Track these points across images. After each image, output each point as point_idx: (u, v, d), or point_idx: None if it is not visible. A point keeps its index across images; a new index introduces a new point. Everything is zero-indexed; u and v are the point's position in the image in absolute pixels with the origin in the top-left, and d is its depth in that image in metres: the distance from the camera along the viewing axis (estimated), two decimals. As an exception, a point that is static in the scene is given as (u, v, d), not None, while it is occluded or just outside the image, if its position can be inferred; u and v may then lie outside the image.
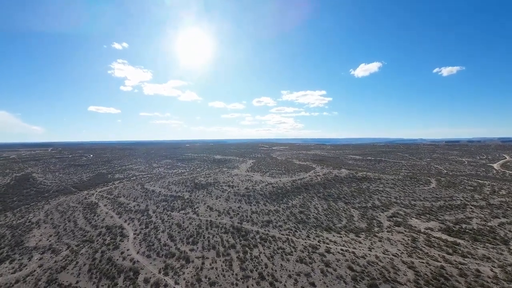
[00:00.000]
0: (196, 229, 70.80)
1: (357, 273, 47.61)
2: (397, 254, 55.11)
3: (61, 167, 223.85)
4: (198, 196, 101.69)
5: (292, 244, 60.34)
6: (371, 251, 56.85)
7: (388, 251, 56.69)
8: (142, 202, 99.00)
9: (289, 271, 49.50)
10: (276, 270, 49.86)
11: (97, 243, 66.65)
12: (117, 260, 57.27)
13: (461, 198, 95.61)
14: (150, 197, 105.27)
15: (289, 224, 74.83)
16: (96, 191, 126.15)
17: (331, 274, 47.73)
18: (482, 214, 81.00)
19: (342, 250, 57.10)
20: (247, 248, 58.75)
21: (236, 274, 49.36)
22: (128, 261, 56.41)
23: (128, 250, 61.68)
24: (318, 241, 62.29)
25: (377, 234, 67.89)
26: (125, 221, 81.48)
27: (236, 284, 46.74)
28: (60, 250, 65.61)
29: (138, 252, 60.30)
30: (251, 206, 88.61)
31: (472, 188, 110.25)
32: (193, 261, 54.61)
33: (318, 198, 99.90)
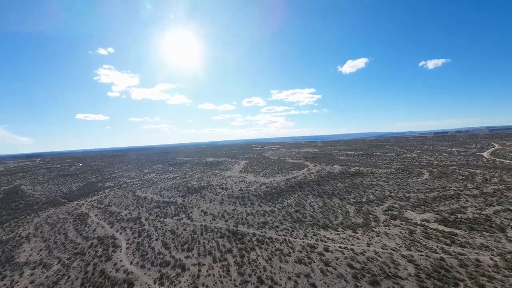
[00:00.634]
0: (190, 235, 68.91)
1: (357, 270, 46.71)
2: (396, 248, 54.57)
3: (50, 178, 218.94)
4: (191, 200, 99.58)
5: (290, 245, 59.12)
6: (369, 246, 56.11)
7: (386, 246, 56.09)
8: (134, 210, 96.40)
9: (288, 273, 48.23)
10: (275, 273, 48.51)
11: (89, 255, 64.60)
12: (110, 272, 55.32)
13: (454, 188, 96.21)
14: (142, 204, 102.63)
15: (285, 224, 73.63)
16: (86, 201, 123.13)
17: (331, 273, 46.68)
18: (476, 203, 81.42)
19: (340, 247, 56.23)
20: (244, 252, 57.24)
21: (234, 280, 47.79)
22: (122, 273, 54.41)
23: (121, 261, 59.69)
24: (316, 240, 61.23)
25: (374, 229, 67.36)
26: (117, 230, 79.07)
27: (235, 290, 45.31)
28: (51, 264, 63.69)
29: (131, 263, 58.27)
30: (246, 208, 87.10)
31: (464, 177, 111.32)
32: (189, 269, 52.81)
33: (313, 196, 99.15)
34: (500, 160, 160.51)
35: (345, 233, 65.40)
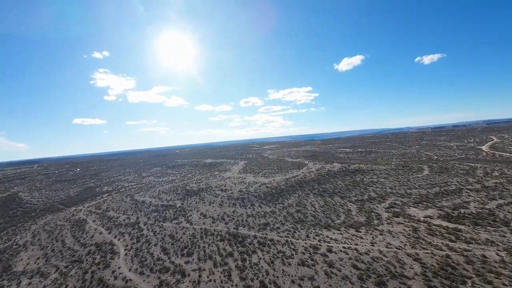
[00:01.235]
0: (190, 239, 67.34)
1: (363, 271, 45.44)
2: (401, 247, 53.39)
3: (47, 184, 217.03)
4: (190, 203, 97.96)
5: (292, 247, 57.71)
6: (373, 246, 54.88)
7: (391, 244, 54.89)
8: (132, 215, 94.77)
9: (292, 276, 46.84)
10: (278, 277, 47.12)
11: (87, 263, 63.25)
12: (109, 280, 54.02)
13: (456, 183, 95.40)
14: (140, 208, 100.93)
15: (287, 225, 72.23)
16: (84, 207, 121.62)
17: (336, 275, 45.38)
18: (478, 197, 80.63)
19: (344, 248, 54.93)
20: (245, 255, 55.81)
21: (236, 285, 46.39)
22: (120, 280, 53.09)
23: (119, 268, 58.32)
24: (319, 241, 59.85)
25: (377, 227, 66.22)
26: (115, 236, 77.58)
27: (237, 296, 43.96)
28: (49, 273, 62.48)
29: (130, 270, 56.84)
30: (246, 209, 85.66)
31: (465, 172, 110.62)
32: (189, 275, 51.37)
33: (313, 195, 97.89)
34: (500, 153, 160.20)
35: (348, 233, 64.13)
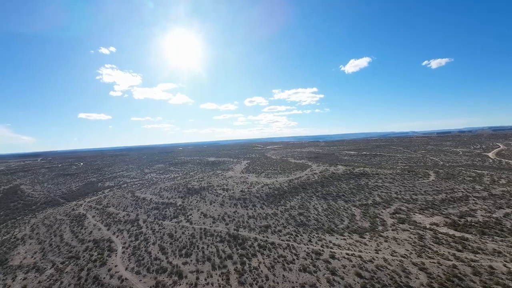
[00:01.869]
0: (189, 239, 65.99)
1: (367, 280, 43.70)
2: (406, 255, 51.56)
3: (50, 177, 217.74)
4: (191, 202, 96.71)
5: (294, 251, 56.02)
6: (378, 253, 53.08)
7: (396, 252, 53.08)
8: (132, 212, 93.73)
9: (293, 282, 45.17)
10: (278, 283, 45.47)
11: (84, 260, 62.29)
12: (104, 278, 52.86)
13: (462, 190, 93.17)
14: (140, 205, 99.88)
15: (288, 228, 70.52)
16: (85, 201, 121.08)
17: (338, 283, 43.65)
18: (485, 205, 78.56)
19: (347, 254, 53.14)
20: (245, 258, 54.23)
21: (235, 290, 44.98)
22: (116, 279, 51.87)
23: (116, 266, 57.16)
24: (321, 246, 58.03)
25: (382, 233, 64.34)
26: (114, 233, 76.57)
27: (235, 301, 42.48)
28: (45, 268, 61.61)
29: (126, 269, 55.64)
30: (247, 210, 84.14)
31: (471, 178, 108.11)
32: (186, 276, 50.00)
33: (317, 198, 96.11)
34: (506, 160, 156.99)
35: (352, 238, 62.29)
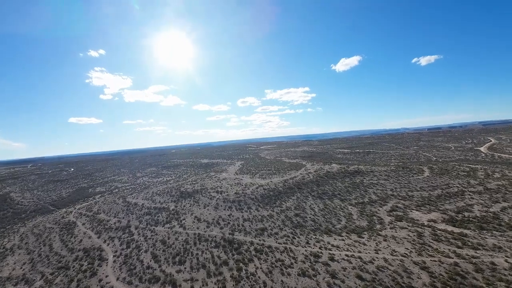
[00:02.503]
0: (183, 245, 63.48)
1: (368, 282, 42.16)
2: (406, 254, 50.27)
3: (40, 184, 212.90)
4: (184, 206, 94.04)
5: (292, 254, 54.10)
6: (378, 253, 51.64)
7: (396, 252, 51.75)
8: (124, 218, 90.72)
9: (292, 288, 43.47)
10: (276, 288, 43.68)
11: (73, 270, 59.91)
12: (94, 290, 50.08)
13: (458, 185, 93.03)
14: (132, 211, 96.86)
15: (285, 230, 68.55)
16: (75, 208, 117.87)
17: (339, 287, 42.02)
18: (482, 200, 78.27)
19: (347, 255, 51.53)
20: (241, 264, 52.09)
21: (231, 298, 42.94)
22: (107, 291, 49.23)
23: (107, 276, 54.74)
24: (320, 248, 56.30)
25: (380, 232, 63.06)
26: (105, 241, 73.71)
27: (232, 310, 40.43)
28: (34, 280, 59.43)
29: (118, 279, 53.17)
30: (242, 213, 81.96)
31: (465, 173, 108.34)
32: (180, 286, 47.70)
33: (312, 197, 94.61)
34: (499, 154, 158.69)
35: (350, 239, 60.73)
